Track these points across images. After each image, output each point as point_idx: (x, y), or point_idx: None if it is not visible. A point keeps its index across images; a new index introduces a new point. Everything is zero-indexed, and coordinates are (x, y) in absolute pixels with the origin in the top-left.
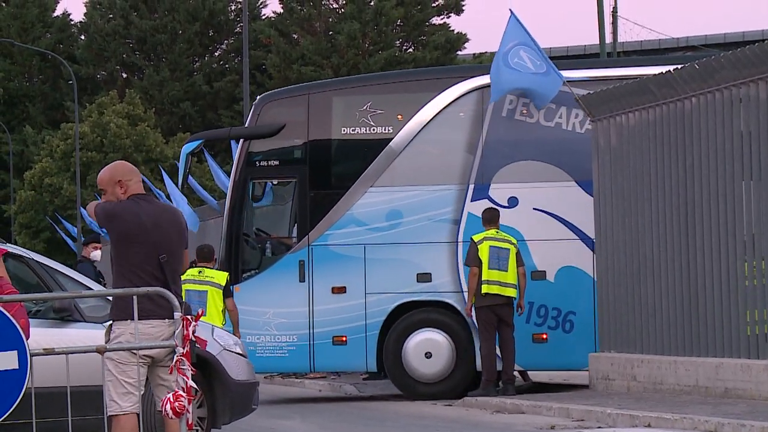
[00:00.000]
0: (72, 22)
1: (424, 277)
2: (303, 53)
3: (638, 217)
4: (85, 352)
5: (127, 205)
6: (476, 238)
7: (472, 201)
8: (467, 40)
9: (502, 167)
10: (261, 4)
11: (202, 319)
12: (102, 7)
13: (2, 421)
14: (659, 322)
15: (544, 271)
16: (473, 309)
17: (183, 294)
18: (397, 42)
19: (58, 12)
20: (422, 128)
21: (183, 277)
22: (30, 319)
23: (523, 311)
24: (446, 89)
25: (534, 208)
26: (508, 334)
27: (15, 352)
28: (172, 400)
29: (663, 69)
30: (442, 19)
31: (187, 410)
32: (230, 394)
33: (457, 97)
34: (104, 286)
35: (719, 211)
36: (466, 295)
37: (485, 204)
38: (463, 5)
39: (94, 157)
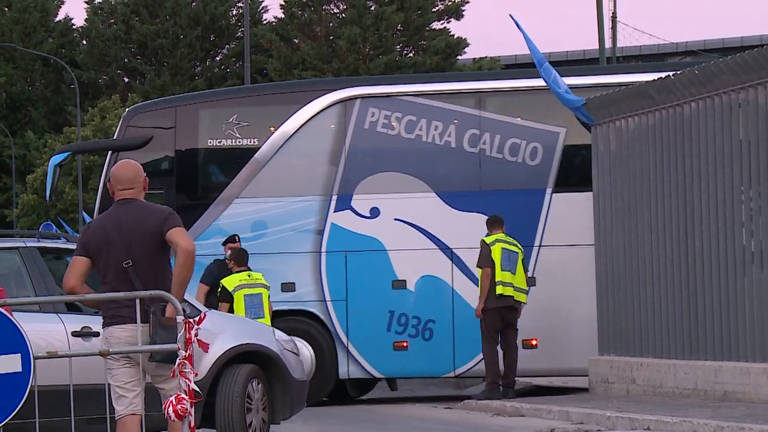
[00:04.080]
0: (74, 27)
1: (288, 287)
2: (304, 58)
3: (637, 221)
4: (87, 355)
5: (96, 222)
6: (488, 240)
7: (335, 212)
8: (467, 44)
9: (364, 178)
10: (262, 9)
11: (258, 320)
12: (103, 12)
13: (7, 422)
14: (658, 326)
15: (405, 280)
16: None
17: (242, 300)
18: (398, 47)
19: (60, 17)
20: (286, 140)
21: (237, 284)
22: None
23: (519, 315)
24: (310, 102)
25: (395, 219)
26: (512, 338)
27: (18, 355)
28: (174, 402)
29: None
30: (442, 23)
31: (189, 413)
32: (291, 391)
33: (321, 109)
34: None
35: (718, 215)
36: (329, 304)
37: (348, 214)
38: (463, 10)
39: (96, 161)
